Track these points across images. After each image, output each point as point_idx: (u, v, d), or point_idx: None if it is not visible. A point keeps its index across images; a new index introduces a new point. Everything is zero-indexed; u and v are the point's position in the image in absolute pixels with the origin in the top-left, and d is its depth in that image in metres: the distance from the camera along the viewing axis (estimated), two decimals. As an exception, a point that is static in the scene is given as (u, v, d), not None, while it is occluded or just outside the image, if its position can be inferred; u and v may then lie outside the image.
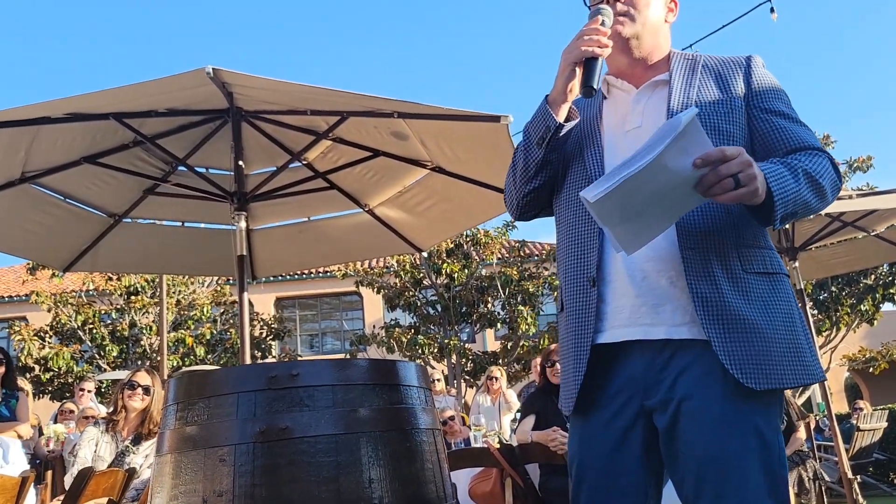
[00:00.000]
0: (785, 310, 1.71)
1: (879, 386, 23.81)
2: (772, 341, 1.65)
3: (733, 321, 1.65)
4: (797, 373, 1.67)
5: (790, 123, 1.80)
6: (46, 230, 5.29)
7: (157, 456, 1.98)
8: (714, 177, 1.54)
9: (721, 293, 1.67)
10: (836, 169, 1.75)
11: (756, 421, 1.64)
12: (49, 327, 15.90)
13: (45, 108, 3.99)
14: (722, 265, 1.70)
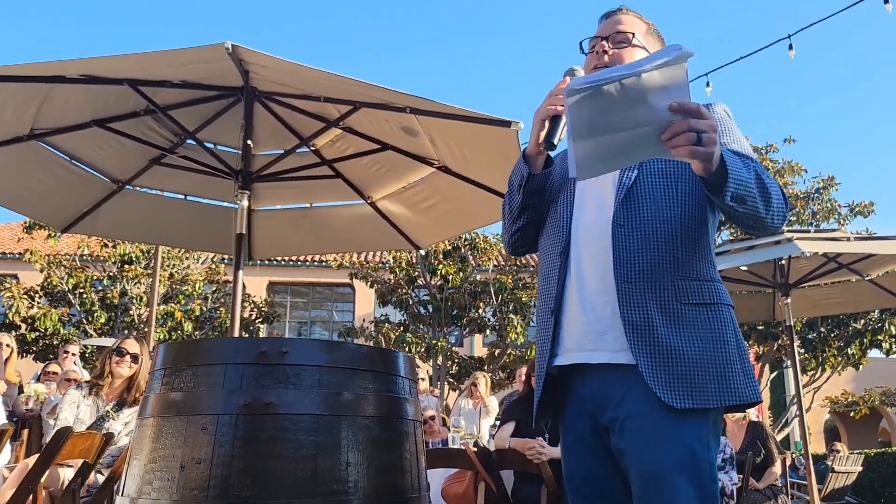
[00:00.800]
0: (717, 337, 1.85)
1: (858, 431, 23.89)
2: (697, 365, 1.81)
3: (660, 348, 1.82)
4: (722, 394, 1.81)
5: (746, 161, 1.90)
6: (49, 189, 5.29)
7: (138, 418, 2.00)
8: (683, 125, 1.62)
9: (651, 323, 1.84)
10: (783, 195, 1.86)
11: (687, 438, 1.78)
12: (40, 287, 15.88)
13: (61, 67, 4.00)
14: (655, 297, 1.87)
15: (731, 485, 5.22)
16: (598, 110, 1.60)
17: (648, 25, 2.19)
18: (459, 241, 15.67)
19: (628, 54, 2.07)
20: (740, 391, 1.83)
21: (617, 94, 1.57)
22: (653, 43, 2.15)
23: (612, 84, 1.56)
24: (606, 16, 2.20)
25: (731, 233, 15.40)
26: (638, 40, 2.11)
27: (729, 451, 5.42)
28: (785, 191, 12.97)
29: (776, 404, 22.59)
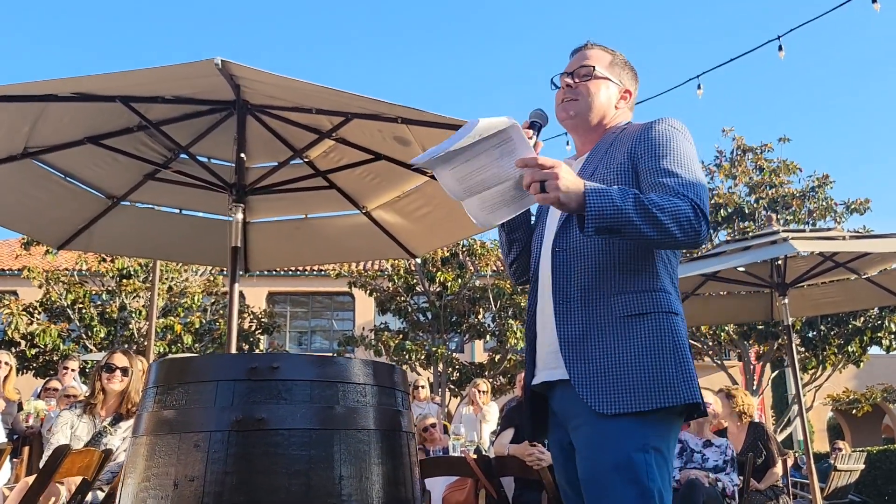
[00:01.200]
0: (650, 344, 1.95)
1: (861, 428, 23.88)
2: (628, 372, 1.92)
3: (590, 360, 1.96)
4: (654, 397, 1.90)
5: (667, 178, 1.99)
6: (44, 206, 5.30)
7: (132, 437, 2.01)
8: (528, 178, 1.86)
9: (584, 337, 1.99)
10: (696, 212, 1.91)
11: (622, 443, 1.89)
12: (39, 303, 15.88)
13: (54, 86, 4.02)
14: (589, 314, 2.01)
15: (732, 486, 5.21)
16: (459, 176, 1.97)
17: (613, 56, 2.33)
18: (457, 247, 15.68)
19: (593, 86, 2.26)
20: (674, 392, 1.91)
21: (461, 162, 1.96)
22: (618, 73, 2.31)
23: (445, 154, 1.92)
24: (574, 52, 2.37)
25: (728, 233, 15.43)
26: (601, 72, 2.27)
27: (730, 452, 5.42)
28: (779, 191, 12.79)
29: (778, 403, 22.58)
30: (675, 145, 2.07)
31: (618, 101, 2.31)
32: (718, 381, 16.96)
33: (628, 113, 2.36)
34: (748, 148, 16.29)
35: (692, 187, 1.96)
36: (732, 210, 15.24)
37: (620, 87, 2.31)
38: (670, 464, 1.96)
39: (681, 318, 2.04)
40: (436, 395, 14.50)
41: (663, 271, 2.06)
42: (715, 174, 16.25)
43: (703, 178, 2.06)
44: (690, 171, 2.02)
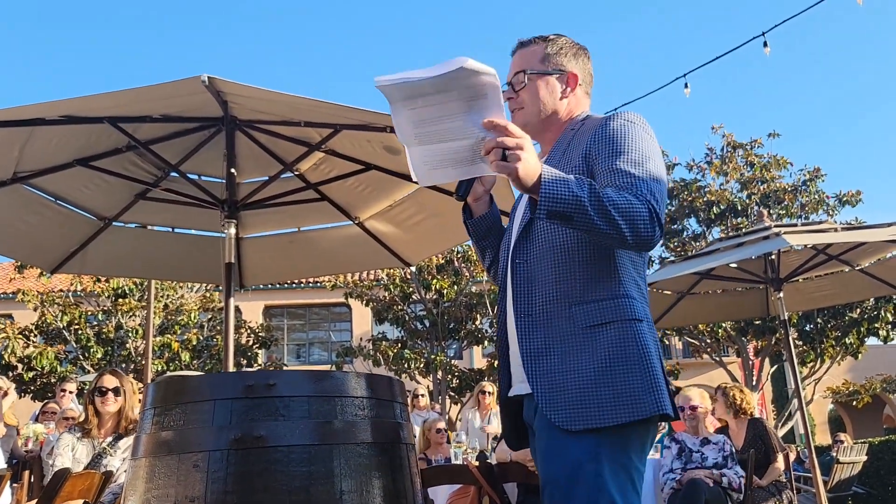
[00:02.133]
0: (611, 356, 1.90)
1: (862, 419, 23.91)
2: (589, 387, 1.88)
3: (553, 374, 1.93)
4: (618, 412, 1.85)
5: (623, 179, 1.92)
6: (36, 231, 5.29)
7: (132, 459, 2.00)
8: (491, 142, 1.77)
9: (547, 351, 1.95)
10: (650, 216, 1.84)
11: (576, 454, 1.87)
12: (34, 326, 15.83)
13: (41, 110, 4.01)
14: (551, 326, 1.97)
15: (738, 478, 5.22)
16: (416, 119, 1.79)
17: (547, 46, 2.22)
18: (452, 254, 15.69)
19: (530, 90, 2.18)
20: (638, 405, 1.86)
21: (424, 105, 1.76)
22: (556, 62, 2.20)
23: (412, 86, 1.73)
24: (512, 54, 2.28)
25: (722, 230, 15.46)
26: (533, 72, 2.18)
27: (728, 448, 5.42)
28: (771, 186, 12.79)
29: (779, 398, 22.61)
30: (630, 142, 1.99)
31: (563, 90, 2.20)
32: (718, 377, 16.97)
33: (584, 99, 2.26)
34: (738, 144, 16.34)
35: (648, 188, 1.89)
36: (725, 207, 15.27)
37: (563, 74, 2.20)
38: (635, 472, 1.91)
39: (647, 323, 1.98)
40: (436, 402, 14.49)
41: (627, 276, 2.00)
42: (706, 171, 16.30)
43: (662, 173, 1.99)
44: (646, 169, 1.94)
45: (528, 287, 2.02)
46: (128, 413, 4.31)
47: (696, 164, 16.51)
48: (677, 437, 5.55)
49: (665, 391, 1.91)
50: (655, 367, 1.91)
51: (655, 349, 1.96)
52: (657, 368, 1.91)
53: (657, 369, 1.91)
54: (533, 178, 1.76)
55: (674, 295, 7.90)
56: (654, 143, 2.03)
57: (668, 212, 16.07)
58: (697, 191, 15.77)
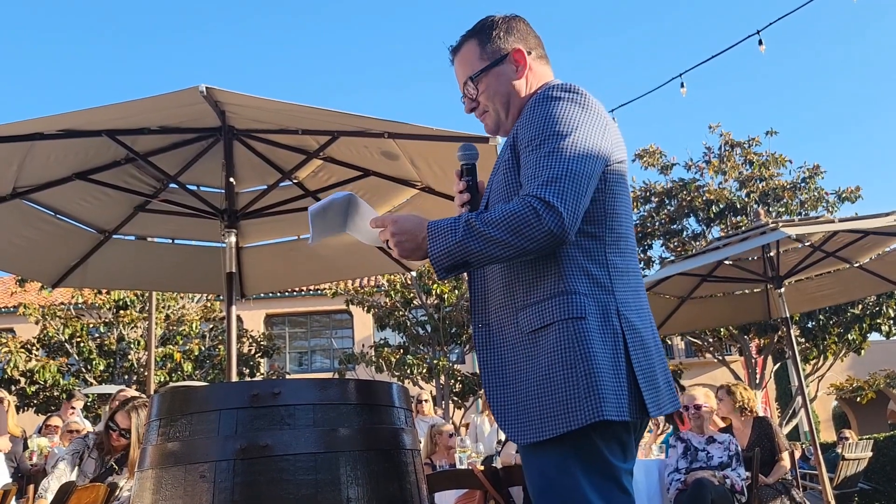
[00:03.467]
0: (550, 362, 1.79)
1: (867, 415, 23.88)
2: (536, 398, 1.80)
3: (505, 387, 1.88)
4: (556, 424, 1.76)
5: (529, 163, 1.84)
6: (36, 245, 5.30)
7: (138, 471, 2.00)
8: (380, 237, 1.97)
9: (492, 363, 1.91)
10: (533, 211, 1.73)
11: (544, 467, 1.81)
12: (36, 340, 15.83)
13: (39, 125, 4.02)
14: (500, 336, 1.92)
15: (741, 481, 5.21)
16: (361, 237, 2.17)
17: (481, 36, 2.10)
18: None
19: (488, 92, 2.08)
20: (574, 413, 1.74)
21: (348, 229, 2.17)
22: (496, 47, 2.08)
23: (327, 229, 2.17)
24: (451, 63, 2.19)
25: (722, 228, 15.47)
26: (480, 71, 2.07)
27: (734, 447, 5.42)
28: (770, 184, 12.74)
29: (782, 396, 22.59)
30: (544, 124, 1.86)
31: (517, 70, 2.07)
32: (721, 377, 16.99)
33: (541, 66, 2.11)
34: (736, 143, 16.35)
35: (547, 176, 1.76)
36: (724, 205, 15.28)
37: (509, 55, 2.06)
38: (619, 472, 1.82)
39: (596, 318, 1.81)
40: (439, 407, 14.48)
41: (573, 268, 1.85)
42: (704, 170, 16.31)
43: (582, 146, 1.81)
44: (551, 152, 1.79)
45: (483, 297, 1.98)
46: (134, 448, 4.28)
47: (694, 163, 16.52)
48: (683, 437, 5.55)
49: (609, 394, 1.75)
50: (597, 368, 1.75)
51: (610, 347, 1.80)
52: (600, 370, 1.75)
53: (599, 371, 1.75)
54: (419, 251, 1.88)
55: (675, 300, 7.90)
56: (580, 112, 1.87)
57: (667, 212, 16.09)
58: (696, 190, 15.77)
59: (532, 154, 1.83)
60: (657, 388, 1.86)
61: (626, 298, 1.88)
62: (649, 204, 16.49)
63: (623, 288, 1.89)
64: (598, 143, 1.85)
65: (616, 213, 1.92)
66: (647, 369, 1.84)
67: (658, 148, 16.63)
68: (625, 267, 1.92)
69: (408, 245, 1.88)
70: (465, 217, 1.80)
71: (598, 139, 1.85)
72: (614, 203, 1.91)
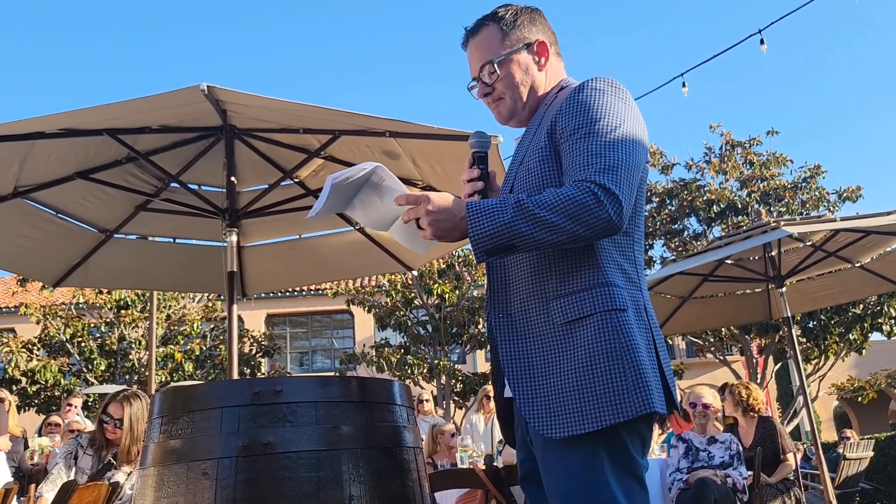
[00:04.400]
0: (591, 353, 1.75)
1: (868, 415, 23.86)
2: (573, 390, 1.75)
3: (533, 378, 1.82)
4: (600, 416, 1.72)
5: (580, 151, 1.79)
6: (37, 245, 5.30)
7: (140, 469, 2.00)
8: (406, 215, 1.83)
9: (524, 353, 1.85)
10: (595, 198, 1.70)
11: (572, 464, 1.76)
12: (37, 339, 15.84)
13: (40, 123, 4.02)
14: (525, 326, 1.86)
15: (742, 480, 5.21)
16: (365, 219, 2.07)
17: (502, 23, 2.07)
18: (453, 258, 15.69)
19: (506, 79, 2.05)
20: (624, 405, 1.72)
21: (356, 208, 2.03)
22: (518, 36, 2.06)
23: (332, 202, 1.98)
24: (464, 46, 2.14)
25: (723, 228, 15.46)
26: (501, 57, 2.04)
27: (735, 447, 5.42)
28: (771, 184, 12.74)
29: (783, 396, 22.58)
30: (593, 114, 1.83)
31: (537, 61, 2.06)
32: (722, 376, 16.96)
33: (558, 63, 2.12)
34: (737, 143, 16.33)
35: (603, 164, 1.73)
36: (725, 205, 15.27)
37: (531, 45, 2.06)
38: (641, 469, 1.80)
39: (634, 311, 1.82)
40: (440, 407, 14.48)
41: (608, 262, 1.84)
42: (705, 170, 16.30)
43: (632, 139, 1.81)
44: (606, 141, 1.77)
45: (504, 285, 1.92)
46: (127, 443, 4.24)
47: (694, 163, 16.51)
48: (684, 436, 5.55)
49: (654, 386, 1.75)
50: (642, 360, 1.75)
51: (645, 340, 1.81)
52: (644, 362, 1.75)
53: (644, 363, 1.75)
54: (456, 231, 1.78)
55: (676, 300, 7.90)
56: (624, 107, 1.86)
57: (668, 212, 16.09)
58: (697, 190, 15.76)
59: (581, 141, 1.80)
60: (672, 385, 1.88)
61: (647, 295, 1.91)
62: (650, 204, 16.48)
63: (644, 285, 1.92)
64: (643, 138, 1.86)
65: (640, 211, 1.93)
66: (667, 365, 1.86)
67: (659, 148, 16.62)
68: (643, 264, 1.95)
69: (445, 224, 1.77)
70: (514, 198, 1.73)
71: (642, 134, 1.86)
72: (640, 201, 1.92)
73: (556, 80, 2.09)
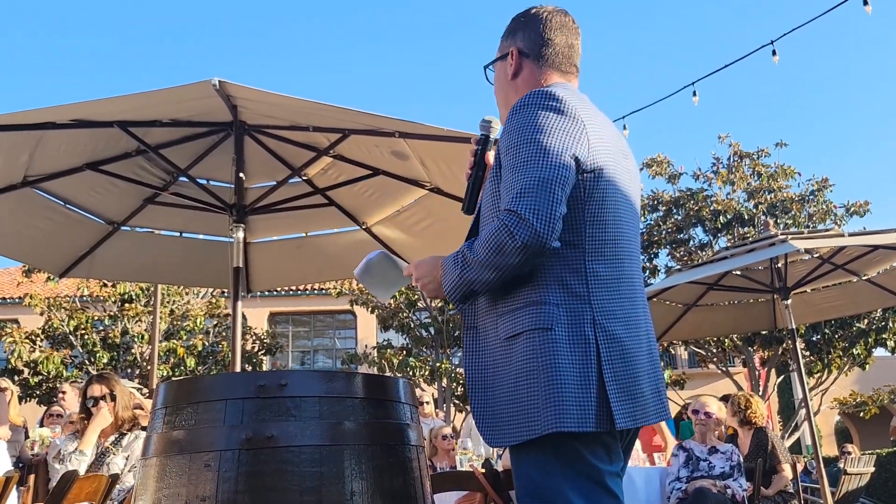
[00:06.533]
0: (519, 370, 1.83)
1: (870, 431, 23.78)
2: (506, 403, 1.85)
3: (482, 389, 1.92)
4: (521, 430, 1.81)
5: (507, 174, 1.85)
6: (45, 235, 5.31)
7: (142, 459, 2.00)
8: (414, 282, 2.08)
9: (476, 366, 1.95)
10: (506, 226, 1.76)
11: (525, 469, 1.85)
12: (41, 331, 15.87)
13: (51, 114, 4.03)
14: (481, 339, 1.96)
15: (742, 491, 5.20)
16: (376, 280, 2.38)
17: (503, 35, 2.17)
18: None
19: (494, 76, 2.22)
20: (534, 423, 1.78)
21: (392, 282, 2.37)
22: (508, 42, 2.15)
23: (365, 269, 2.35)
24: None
25: (729, 239, 15.43)
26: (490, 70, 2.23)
27: (736, 458, 5.40)
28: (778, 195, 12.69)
29: (785, 409, 22.52)
30: (513, 138, 1.87)
31: (511, 69, 2.11)
32: (723, 388, 16.91)
33: (542, 70, 2.10)
34: (745, 154, 16.31)
35: (516, 191, 1.78)
36: (731, 216, 15.25)
37: (509, 54, 2.11)
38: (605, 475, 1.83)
39: (565, 329, 1.81)
40: (440, 410, 14.47)
41: (547, 277, 1.85)
42: (713, 181, 16.28)
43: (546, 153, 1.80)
44: (519, 164, 1.81)
45: (473, 301, 1.99)
46: (120, 414, 4.30)
47: (702, 173, 16.49)
48: (686, 445, 5.54)
49: (572, 405, 1.75)
50: (559, 380, 1.76)
51: (578, 357, 1.79)
52: (563, 381, 1.76)
53: (562, 382, 1.76)
54: (440, 289, 1.96)
55: (680, 307, 7.88)
56: (545, 120, 1.85)
57: (674, 221, 16.07)
58: (704, 200, 15.74)
59: (506, 165, 1.86)
60: (636, 397, 1.84)
61: (608, 307, 1.86)
62: (656, 213, 16.47)
63: (606, 296, 1.87)
64: (571, 148, 1.83)
65: (600, 219, 1.89)
66: (624, 379, 1.83)
67: (666, 157, 16.62)
68: (610, 275, 1.89)
69: (430, 286, 2.00)
70: (460, 249, 1.89)
71: (571, 144, 1.84)
72: (598, 209, 1.89)
73: (526, 90, 2.03)
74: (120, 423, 4.30)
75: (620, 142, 2.03)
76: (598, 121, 1.96)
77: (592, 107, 2.01)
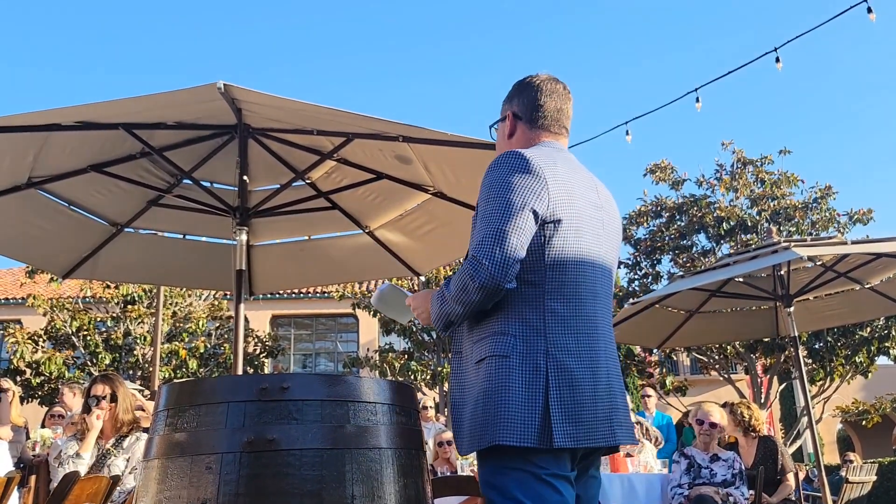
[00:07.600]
0: (479, 390, 2.09)
1: (872, 439, 23.73)
2: (469, 418, 2.11)
3: (457, 406, 2.19)
4: (475, 441, 2.07)
5: (476, 225, 2.15)
6: (48, 236, 5.32)
7: (144, 460, 2.01)
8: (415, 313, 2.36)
9: (456, 385, 2.22)
10: (467, 271, 2.06)
11: (485, 474, 2.09)
12: (43, 331, 15.89)
13: (56, 115, 4.04)
14: (462, 363, 2.23)
15: (743, 499, 5.19)
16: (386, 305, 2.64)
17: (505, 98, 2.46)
18: (460, 264, 15.67)
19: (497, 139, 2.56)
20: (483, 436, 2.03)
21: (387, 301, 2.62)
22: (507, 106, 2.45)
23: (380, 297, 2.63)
24: None
25: (731, 246, 15.42)
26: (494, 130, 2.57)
27: (738, 465, 5.39)
28: (781, 203, 12.71)
29: (787, 416, 22.47)
30: (483, 194, 2.16)
31: (507, 132, 2.42)
32: (725, 395, 16.90)
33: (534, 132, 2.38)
34: (748, 160, 16.30)
35: (478, 239, 2.07)
36: (735, 223, 15.23)
37: (507, 117, 2.42)
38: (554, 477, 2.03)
39: (519, 357, 2.06)
40: (441, 414, 14.45)
41: (511, 312, 2.11)
42: (716, 187, 16.26)
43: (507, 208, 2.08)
44: (484, 216, 2.10)
45: (461, 327, 2.25)
46: (121, 416, 4.31)
47: (705, 179, 16.48)
48: (688, 452, 5.53)
49: (518, 423, 2.00)
50: (510, 400, 2.02)
51: (528, 382, 2.03)
52: (512, 401, 2.02)
53: (511, 402, 2.02)
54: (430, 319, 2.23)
55: (683, 313, 7.87)
56: (511, 177, 2.12)
57: (677, 227, 16.05)
58: (707, 206, 15.73)
59: (478, 214, 2.14)
60: (580, 422, 2.05)
61: (562, 341, 2.10)
62: (659, 219, 16.46)
63: (561, 331, 2.11)
64: (530, 202, 2.09)
65: (561, 262, 2.14)
66: (570, 404, 2.05)
67: (669, 163, 16.61)
68: (567, 313, 2.13)
69: (423, 315, 2.30)
70: (441, 286, 2.19)
71: (532, 199, 2.09)
72: (558, 254, 2.13)
73: (519, 148, 2.32)
74: (120, 425, 4.31)
75: (591, 194, 2.27)
76: (566, 178, 2.19)
77: (569, 164, 2.25)
